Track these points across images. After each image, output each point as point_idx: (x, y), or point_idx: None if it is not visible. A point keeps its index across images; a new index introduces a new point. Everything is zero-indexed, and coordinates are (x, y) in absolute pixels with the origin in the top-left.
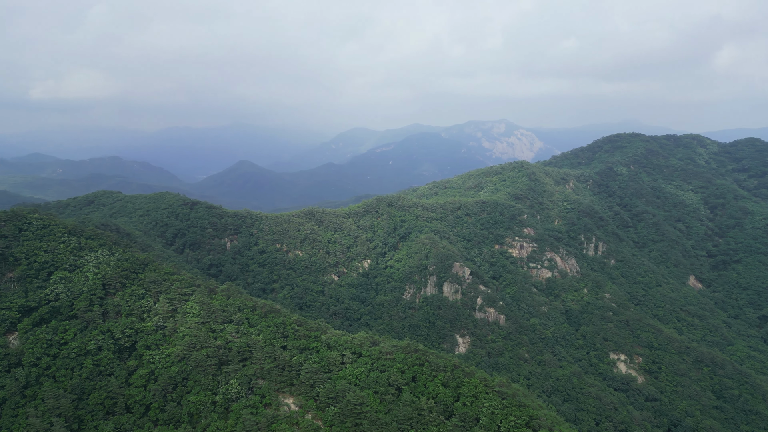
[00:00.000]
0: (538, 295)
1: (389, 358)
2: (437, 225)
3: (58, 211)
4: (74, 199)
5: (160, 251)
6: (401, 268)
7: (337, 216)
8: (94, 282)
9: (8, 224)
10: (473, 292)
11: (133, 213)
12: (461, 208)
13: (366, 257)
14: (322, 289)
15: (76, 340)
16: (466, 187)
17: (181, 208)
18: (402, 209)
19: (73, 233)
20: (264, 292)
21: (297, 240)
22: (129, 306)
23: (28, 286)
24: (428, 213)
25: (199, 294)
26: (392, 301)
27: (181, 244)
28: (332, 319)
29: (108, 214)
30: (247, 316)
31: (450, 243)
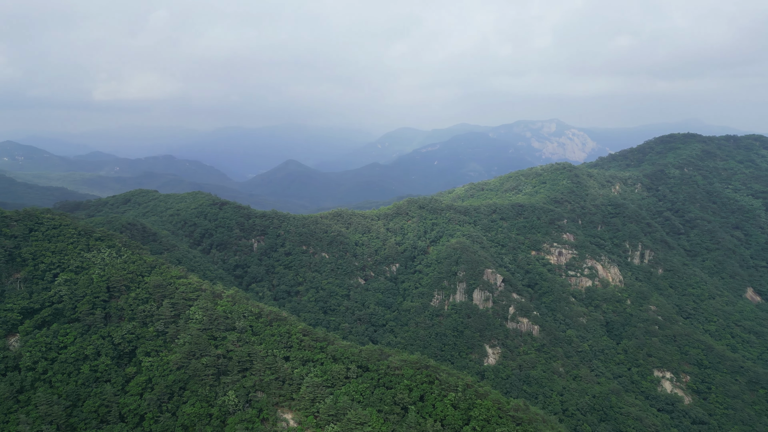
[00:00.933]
0: (577, 305)
1: (397, 373)
2: (470, 229)
3: (96, 209)
4: (113, 197)
5: (184, 251)
6: (430, 273)
7: (366, 218)
8: (98, 284)
9: (19, 224)
10: (505, 301)
11: (164, 212)
12: (496, 212)
13: (394, 261)
14: (347, 293)
15: (75, 345)
16: (504, 190)
17: (210, 208)
18: (433, 212)
19: (83, 234)
20: (288, 294)
21: (324, 242)
22: (132, 310)
23: (33, 287)
24: (461, 216)
25: (204, 299)
26: (419, 308)
27: (208, 245)
28: (356, 324)
29: (141, 213)
30: (251, 324)
31: (482, 248)
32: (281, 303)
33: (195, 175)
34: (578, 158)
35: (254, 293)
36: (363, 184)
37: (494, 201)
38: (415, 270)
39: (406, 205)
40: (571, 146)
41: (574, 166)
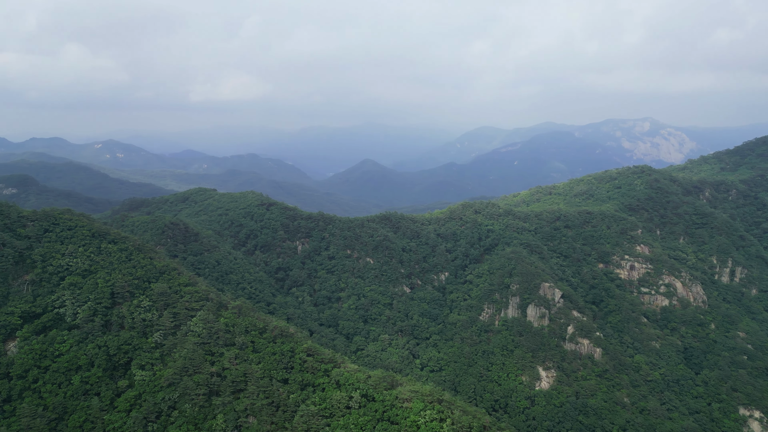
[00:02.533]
0: (649, 326)
1: (405, 406)
2: (528, 237)
3: (156, 206)
4: (173, 195)
5: (225, 253)
6: (481, 284)
7: (416, 222)
8: (102, 289)
9: (35, 224)
10: (564, 319)
11: (214, 211)
12: (560, 219)
13: (443, 269)
14: (390, 302)
15: (70, 353)
16: (573, 194)
17: (258, 209)
18: (490, 217)
19: (96, 236)
20: (329, 300)
21: (369, 246)
22: (133, 318)
23: (39, 290)
24: (520, 223)
25: (206, 310)
26: (466, 322)
27: (252, 246)
28: (397, 336)
29: (195, 212)
30: (253, 339)
31: (541, 259)
32: (321, 309)
33: (275, 173)
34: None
35: (294, 298)
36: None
37: (560, 207)
38: (465, 280)
39: (460, 210)
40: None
41: (654, 170)
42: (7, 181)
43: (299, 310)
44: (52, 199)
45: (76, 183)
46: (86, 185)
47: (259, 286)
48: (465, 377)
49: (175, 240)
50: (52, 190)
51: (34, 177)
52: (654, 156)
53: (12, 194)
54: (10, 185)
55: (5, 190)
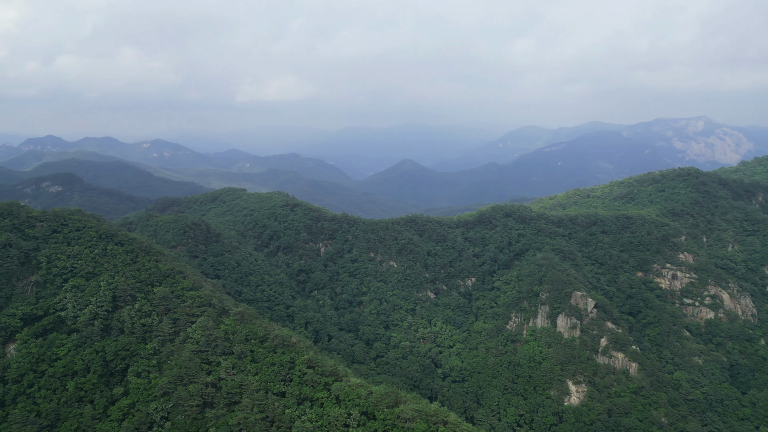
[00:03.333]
0: (691, 341)
1: (406, 427)
2: (561, 243)
3: (187, 206)
4: (203, 194)
5: (246, 254)
6: (509, 291)
7: (443, 225)
8: (104, 293)
9: (44, 225)
10: (597, 330)
11: (240, 212)
12: (597, 223)
13: (470, 275)
14: (413, 308)
15: (67, 358)
16: (612, 198)
17: (282, 210)
18: (521, 221)
19: (103, 237)
20: (350, 304)
21: (393, 250)
22: (132, 323)
23: (42, 292)
24: (553, 227)
25: (207, 317)
26: (492, 330)
27: (275, 247)
28: (419, 343)
29: (222, 212)
30: (253, 348)
31: (574, 266)
32: (341, 313)
33: (315, 172)
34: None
35: (315, 301)
36: (478, 184)
37: (597, 210)
38: (493, 287)
39: (489, 212)
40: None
41: (702, 172)
42: (53, 179)
43: (319, 313)
44: (95, 197)
45: (121, 181)
46: (131, 183)
47: (279, 289)
48: (489, 389)
49: (197, 240)
50: (96, 189)
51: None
52: (708, 157)
53: (57, 192)
54: (56, 183)
55: (51, 188)
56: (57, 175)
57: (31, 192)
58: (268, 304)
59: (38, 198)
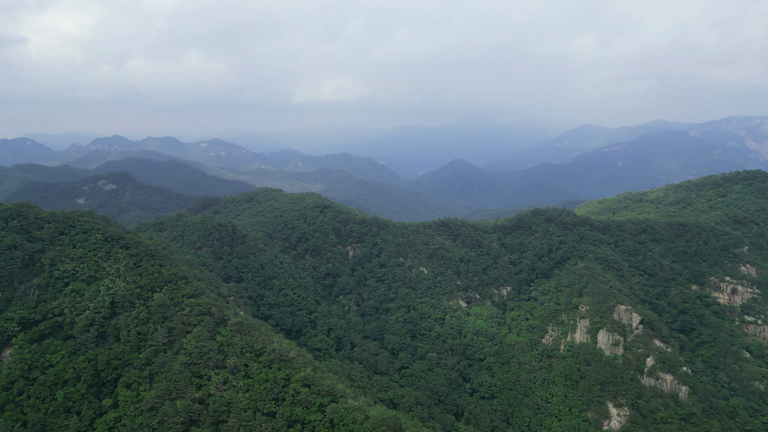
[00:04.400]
0: (752, 363)
1: None
2: (606, 251)
3: (224, 206)
4: (241, 194)
5: (271, 256)
6: (546, 302)
7: (477, 230)
8: (103, 298)
9: (52, 226)
10: (642, 348)
11: (271, 213)
12: (647, 230)
13: (505, 283)
14: (442, 316)
15: (59, 366)
16: (667, 202)
17: (312, 211)
18: (563, 226)
19: (109, 240)
20: (376, 311)
21: (423, 255)
22: (128, 331)
23: (44, 296)
24: (598, 234)
25: (202, 327)
26: (527, 344)
27: (303, 250)
28: (446, 355)
29: (256, 212)
30: (247, 362)
31: (619, 276)
32: (367, 320)
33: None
34: None
35: (340, 306)
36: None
37: (650, 216)
38: (530, 297)
39: (529, 217)
40: None
41: None
42: (108, 177)
43: (343, 320)
44: (146, 195)
45: (176, 180)
46: (185, 182)
47: (303, 293)
48: (519, 408)
49: (222, 242)
50: (147, 187)
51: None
52: None
53: (112, 190)
54: (111, 182)
55: (107, 186)
56: (112, 173)
57: (88, 189)
58: (291, 309)
59: (94, 195)
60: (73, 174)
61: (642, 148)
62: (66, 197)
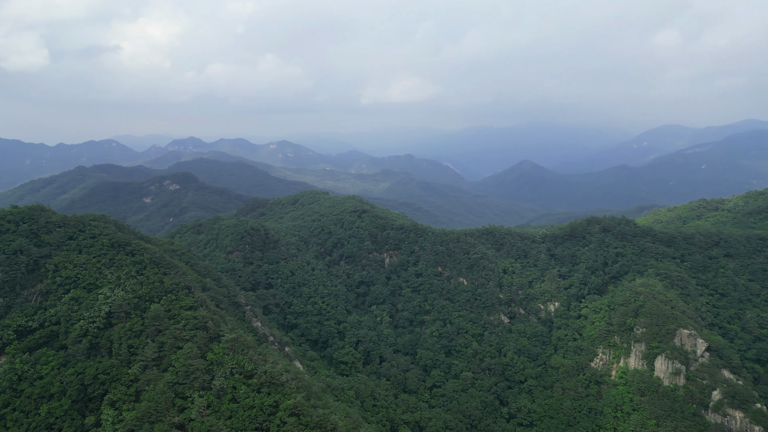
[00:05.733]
0: None
1: None
2: (670, 266)
3: (269, 207)
4: (287, 197)
5: (302, 262)
6: (597, 322)
7: (525, 239)
8: (100, 307)
9: (62, 231)
10: (708, 380)
11: (310, 216)
12: (720, 244)
13: (553, 298)
14: (481, 332)
15: (47, 378)
16: (746, 212)
17: (349, 216)
18: (621, 237)
19: (115, 246)
20: (410, 323)
21: (463, 265)
22: (120, 344)
23: (45, 303)
24: (661, 247)
25: (194, 343)
26: (573, 368)
27: (338, 256)
28: (483, 375)
29: (297, 215)
30: (235, 385)
31: (683, 296)
32: (400, 333)
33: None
34: None
35: (372, 317)
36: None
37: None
38: (579, 314)
39: (583, 226)
40: None
41: None
42: (173, 178)
43: (373, 331)
44: (207, 195)
45: (241, 180)
46: (249, 183)
47: (333, 302)
48: None
49: (253, 246)
50: (208, 187)
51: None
52: None
53: (175, 190)
54: (175, 182)
55: (171, 186)
56: (176, 174)
57: (154, 189)
58: (318, 319)
59: (159, 195)
60: (144, 174)
61: (730, 150)
62: (134, 196)
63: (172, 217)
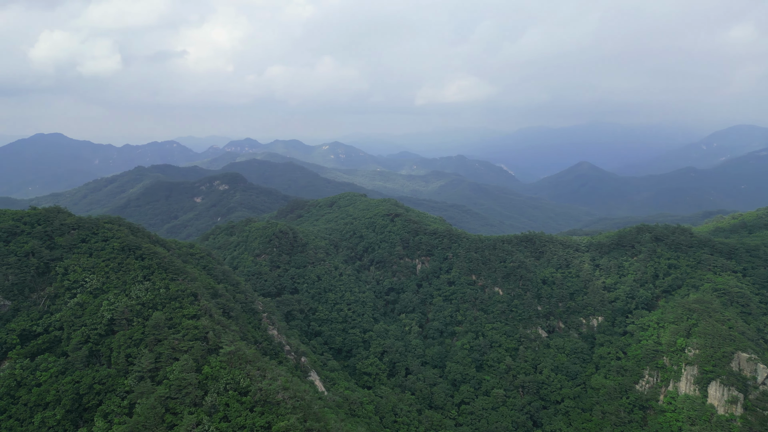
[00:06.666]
0: None
1: None
2: (730, 281)
3: (307, 209)
4: (325, 198)
5: (329, 267)
6: (645, 340)
7: (567, 247)
8: (102, 313)
9: (76, 233)
10: None
11: (343, 219)
12: None
13: (596, 312)
14: (516, 347)
15: (45, 386)
16: None
17: (382, 219)
18: (675, 247)
19: (125, 250)
20: (441, 334)
21: (499, 274)
22: (118, 353)
23: (51, 307)
24: (721, 259)
25: (190, 355)
26: (615, 389)
27: (369, 261)
28: (516, 393)
29: (332, 218)
30: (228, 402)
31: (743, 314)
32: (429, 344)
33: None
34: None
35: (400, 326)
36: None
37: None
38: (625, 331)
39: (632, 234)
40: None
41: None
42: (222, 178)
43: (401, 342)
44: (254, 196)
45: (291, 181)
46: (299, 184)
47: (360, 309)
48: None
49: (281, 250)
50: (256, 188)
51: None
52: None
53: (224, 190)
54: (224, 182)
55: (220, 186)
56: (225, 174)
57: (205, 189)
58: (343, 326)
59: (209, 195)
60: (198, 174)
61: None
62: (186, 196)
63: (219, 217)
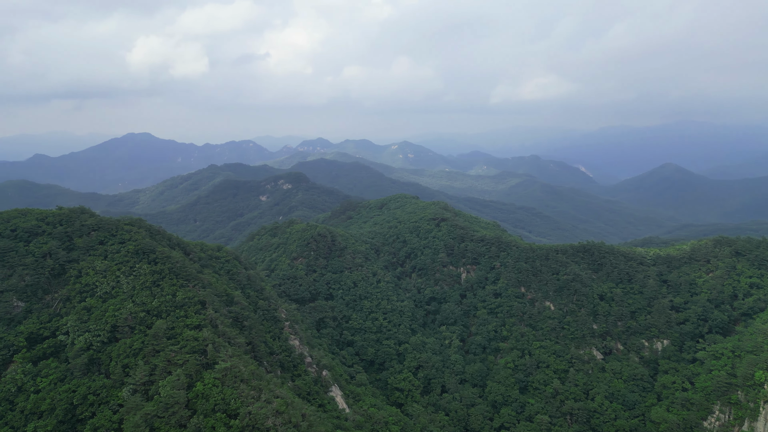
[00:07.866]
0: None
1: None
2: None
3: (357, 211)
4: (376, 200)
5: (367, 273)
6: (717, 370)
7: (631, 260)
8: (107, 319)
9: (94, 234)
10: None
11: (387, 222)
12: None
13: (661, 334)
14: (566, 368)
15: (43, 393)
16: None
17: (427, 224)
18: (759, 264)
19: (138, 254)
20: (483, 350)
21: (551, 287)
22: (117, 362)
23: (62, 310)
24: None
25: (183, 370)
26: (679, 426)
27: (411, 267)
28: (564, 421)
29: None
30: (215, 425)
31: None
32: (470, 360)
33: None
34: None
35: (440, 338)
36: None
37: None
38: (694, 358)
39: (708, 248)
40: None
41: None
42: (286, 177)
43: (438, 356)
44: (315, 195)
45: (357, 181)
46: (364, 183)
47: (396, 319)
48: None
49: (318, 253)
50: (318, 188)
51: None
52: None
53: (288, 189)
54: (288, 181)
55: (284, 186)
56: (289, 174)
57: (270, 188)
58: (377, 337)
59: (274, 193)
60: (267, 173)
61: None
62: (252, 194)
63: (281, 216)
